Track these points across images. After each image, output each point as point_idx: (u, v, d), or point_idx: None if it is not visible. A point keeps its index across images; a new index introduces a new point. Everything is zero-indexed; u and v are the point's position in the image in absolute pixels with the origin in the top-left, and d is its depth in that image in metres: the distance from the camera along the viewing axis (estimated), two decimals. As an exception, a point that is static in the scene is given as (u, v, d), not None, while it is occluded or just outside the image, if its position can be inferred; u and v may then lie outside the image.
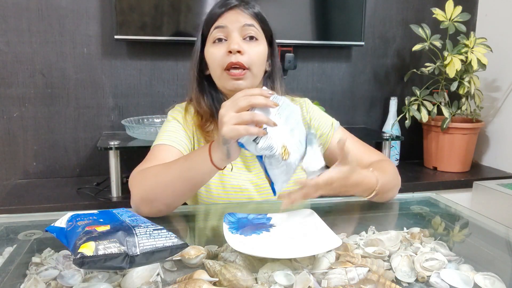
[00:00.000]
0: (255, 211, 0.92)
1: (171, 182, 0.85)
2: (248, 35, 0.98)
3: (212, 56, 0.99)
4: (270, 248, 0.73)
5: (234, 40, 0.96)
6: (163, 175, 0.86)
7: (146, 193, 0.87)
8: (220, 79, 1.00)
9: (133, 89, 1.84)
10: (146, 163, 0.96)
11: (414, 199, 1.12)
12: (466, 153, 1.98)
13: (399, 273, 0.70)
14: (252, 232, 0.80)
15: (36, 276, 0.67)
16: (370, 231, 0.88)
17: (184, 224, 0.95)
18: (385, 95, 2.14)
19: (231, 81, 0.98)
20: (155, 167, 0.90)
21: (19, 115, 1.74)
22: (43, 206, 1.51)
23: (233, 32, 0.97)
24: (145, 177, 0.89)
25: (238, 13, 0.98)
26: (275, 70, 1.07)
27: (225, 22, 0.98)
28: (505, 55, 2.02)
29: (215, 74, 1.00)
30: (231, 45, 0.96)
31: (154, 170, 0.89)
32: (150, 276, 0.67)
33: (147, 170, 0.91)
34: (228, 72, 0.97)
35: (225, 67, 0.97)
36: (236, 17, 0.98)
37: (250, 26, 0.98)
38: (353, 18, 1.95)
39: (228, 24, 0.97)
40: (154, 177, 0.87)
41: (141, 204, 0.88)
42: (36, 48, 1.72)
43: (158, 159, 0.96)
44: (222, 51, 0.97)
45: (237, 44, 0.96)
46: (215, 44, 0.99)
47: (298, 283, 0.64)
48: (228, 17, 0.98)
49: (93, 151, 1.83)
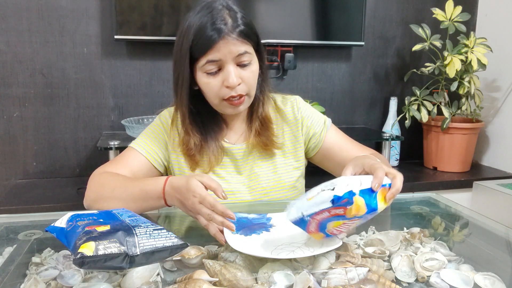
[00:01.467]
0: (253, 211, 0.92)
1: (124, 201, 0.89)
2: (242, 63, 0.94)
3: (208, 87, 0.95)
4: (270, 248, 0.73)
5: (231, 74, 0.92)
6: (119, 192, 0.91)
7: (98, 199, 0.94)
8: (218, 106, 0.98)
9: (133, 89, 1.84)
10: (112, 165, 1.02)
11: (414, 199, 1.12)
12: (466, 153, 1.98)
13: (399, 273, 0.70)
14: (252, 232, 0.80)
15: (36, 276, 0.67)
16: (370, 231, 0.88)
17: (184, 224, 0.95)
18: (385, 95, 2.14)
19: (231, 108, 0.97)
20: (117, 179, 0.95)
21: (19, 115, 1.74)
22: (43, 206, 1.51)
23: (227, 64, 0.92)
24: (103, 185, 0.95)
25: (230, 43, 0.91)
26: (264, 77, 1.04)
27: (218, 55, 0.91)
28: (505, 55, 2.02)
29: (212, 102, 0.98)
30: (229, 80, 0.91)
31: (113, 183, 0.94)
32: (150, 276, 0.67)
33: (107, 178, 0.96)
34: (227, 101, 0.95)
35: (225, 98, 0.94)
36: (228, 48, 0.91)
37: (244, 54, 0.93)
38: (353, 18, 1.95)
39: (222, 57, 0.91)
40: (111, 191, 0.92)
41: (92, 205, 0.95)
42: (36, 48, 1.72)
43: (125, 165, 1.01)
44: (218, 82, 0.93)
45: (235, 77, 0.92)
46: (209, 76, 0.94)
47: (298, 283, 0.64)
48: (220, 49, 0.90)
49: (93, 151, 1.83)
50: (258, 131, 1.04)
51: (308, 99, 1.44)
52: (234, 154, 1.04)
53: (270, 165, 1.06)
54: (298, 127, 1.08)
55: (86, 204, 0.97)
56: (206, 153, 1.02)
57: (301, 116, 1.09)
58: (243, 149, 1.04)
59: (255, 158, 1.05)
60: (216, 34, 0.90)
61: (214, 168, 1.03)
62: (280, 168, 1.06)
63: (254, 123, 1.04)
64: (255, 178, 1.05)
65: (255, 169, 1.05)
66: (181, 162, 1.04)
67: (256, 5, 1.83)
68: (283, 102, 1.11)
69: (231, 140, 1.05)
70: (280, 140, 1.06)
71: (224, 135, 1.05)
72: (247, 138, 1.05)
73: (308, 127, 1.09)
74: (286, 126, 1.09)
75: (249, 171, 1.05)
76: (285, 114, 1.09)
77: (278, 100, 1.11)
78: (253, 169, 1.05)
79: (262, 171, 1.05)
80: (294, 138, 1.08)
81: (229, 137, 1.06)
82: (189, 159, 1.03)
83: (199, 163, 1.03)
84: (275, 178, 1.05)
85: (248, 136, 1.05)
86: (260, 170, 1.05)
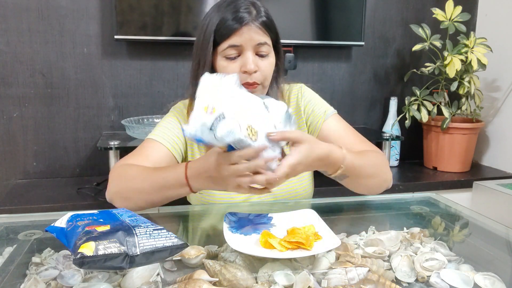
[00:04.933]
0: (254, 211, 0.92)
1: (147, 191, 0.88)
2: (260, 53, 0.97)
3: (225, 71, 0.97)
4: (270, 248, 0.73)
5: (249, 60, 0.95)
6: (141, 182, 0.90)
7: (121, 191, 0.93)
8: None
9: (133, 89, 1.84)
10: (133, 157, 1.00)
11: (414, 199, 1.12)
12: (466, 153, 1.98)
13: (399, 273, 0.70)
14: (253, 231, 0.80)
15: (36, 276, 0.67)
16: (370, 231, 0.88)
17: (184, 224, 0.95)
18: (385, 95, 2.14)
19: None
20: (137, 170, 0.94)
21: (19, 115, 1.74)
22: (43, 206, 1.51)
23: (247, 51, 0.96)
24: (125, 176, 0.94)
25: (251, 29, 0.95)
26: (279, 73, 1.07)
27: (239, 41, 0.95)
28: (505, 55, 2.02)
29: None
30: (247, 66, 0.95)
31: (134, 173, 0.93)
32: (150, 276, 0.67)
33: (128, 169, 0.95)
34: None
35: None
36: (250, 35, 0.95)
37: (263, 44, 0.97)
38: (353, 18, 1.95)
39: (243, 43, 0.95)
40: (132, 180, 0.92)
41: (115, 198, 0.94)
42: (36, 48, 1.72)
43: (145, 156, 1.00)
44: (236, 67, 0.96)
45: (253, 64, 0.95)
46: (228, 60, 0.97)
47: (298, 283, 0.64)
48: (242, 34, 0.95)
49: (93, 151, 1.83)
50: None
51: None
52: None
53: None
54: (302, 116, 1.09)
55: (108, 197, 0.96)
56: None
57: (304, 103, 1.10)
58: None
59: None
60: (240, 21, 0.95)
61: None
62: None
63: None
64: None
65: None
66: (195, 154, 1.05)
67: (256, 5, 1.83)
68: (289, 91, 1.12)
69: None
70: None
71: None
72: None
73: (308, 113, 1.09)
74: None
75: None
76: (291, 103, 1.10)
77: (285, 90, 1.12)
78: None
79: None
80: (298, 127, 1.08)
81: None
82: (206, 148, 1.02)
83: None
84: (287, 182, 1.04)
85: None
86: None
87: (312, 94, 1.12)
